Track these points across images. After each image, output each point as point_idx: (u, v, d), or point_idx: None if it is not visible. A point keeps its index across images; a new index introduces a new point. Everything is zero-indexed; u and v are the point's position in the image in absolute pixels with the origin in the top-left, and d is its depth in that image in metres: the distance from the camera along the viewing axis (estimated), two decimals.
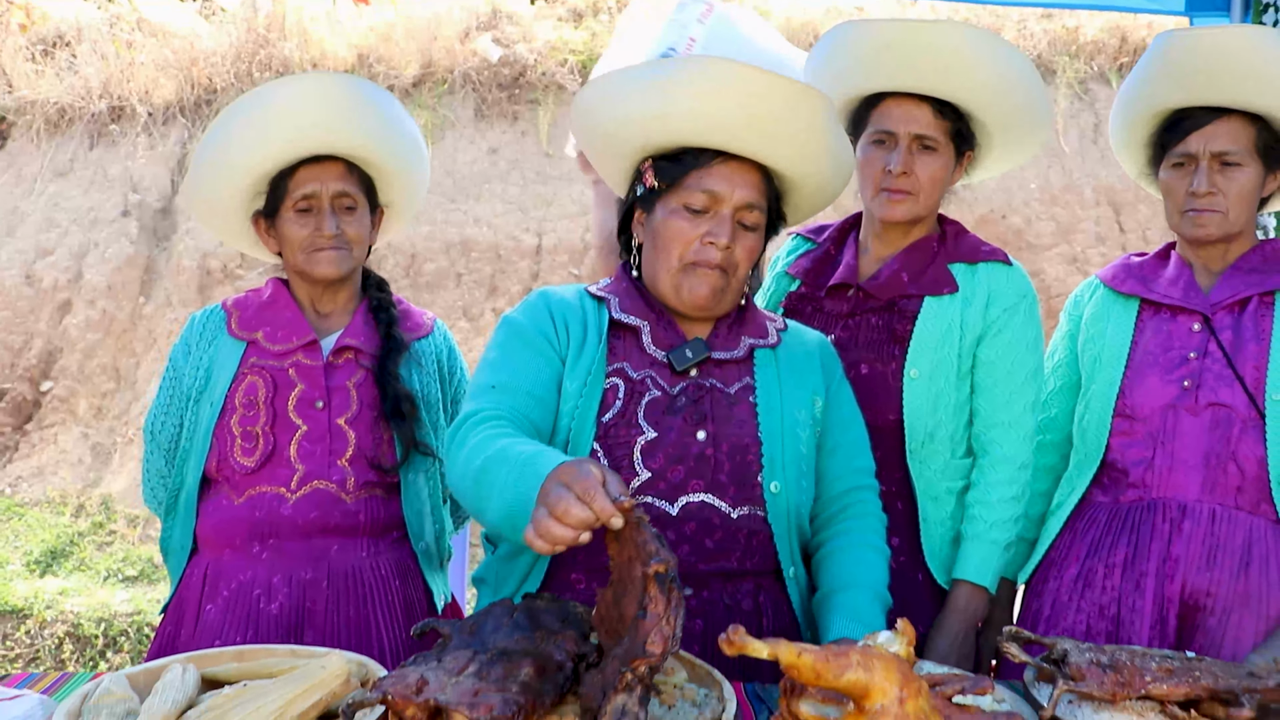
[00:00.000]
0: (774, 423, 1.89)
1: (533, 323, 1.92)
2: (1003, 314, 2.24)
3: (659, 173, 1.89)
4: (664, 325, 1.91)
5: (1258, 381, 2.12)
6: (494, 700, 1.23)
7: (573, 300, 1.96)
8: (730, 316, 1.96)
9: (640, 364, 1.89)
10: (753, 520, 1.86)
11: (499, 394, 1.83)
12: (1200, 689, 1.41)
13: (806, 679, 1.08)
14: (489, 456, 1.62)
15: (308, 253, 2.21)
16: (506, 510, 1.53)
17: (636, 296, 1.94)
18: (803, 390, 1.96)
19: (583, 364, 1.87)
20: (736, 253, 1.85)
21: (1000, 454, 2.22)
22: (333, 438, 2.20)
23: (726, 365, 1.92)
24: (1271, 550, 2.08)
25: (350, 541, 2.21)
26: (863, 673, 1.07)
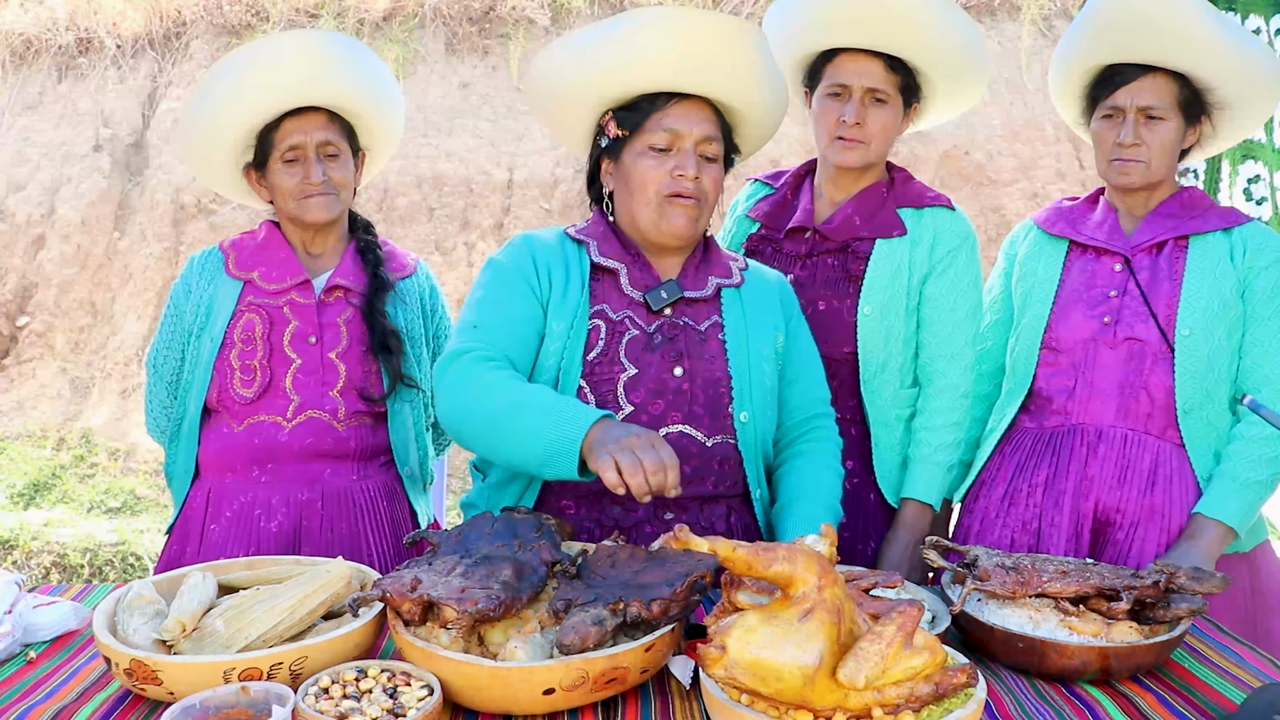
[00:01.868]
0: (742, 357, 2.06)
1: (516, 267, 2.05)
2: (946, 255, 2.43)
3: (621, 122, 2.04)
4: (640, 267, 2.06)
5: (1169, 319, 2.32)
6: (478, 596, 1.44)
7: (554, 244, 2.09)
8: (697, 256, 2.11)
9: (619, 305, 2.03)
10: (725, 448, 2.03)
11: (481, 333, 1.98)
12: (1088, 587, 1.63)
13: (740, 570, 1.27)
14: (512, 402, 1.82)
15: (298, 200, 2.36)
16: (543, 452, 1.74)
17: (613, 239, 2.08)
18: (765, 327, 2.12)
19: (568, 306, 2.01)
20: (704, 182, 2.00)
21: (944, 383, 2.42)
22: (325, 370, 2.38)
23: (697, 304, 2.07)
24: (1175, 471, 2.30)
25: (342, 466, 2.40)
26: (787, 565, 1.27)
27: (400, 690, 1.37)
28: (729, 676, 1.24)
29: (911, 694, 1.27)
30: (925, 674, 1.28)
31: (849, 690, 1.25)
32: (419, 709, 1.32)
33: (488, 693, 1.38)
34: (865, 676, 1.24)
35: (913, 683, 1.27)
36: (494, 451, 1.88)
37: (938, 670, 1.29)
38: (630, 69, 2.01)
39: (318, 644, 1.46)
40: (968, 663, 1.31)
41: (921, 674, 1.28)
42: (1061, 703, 1.51)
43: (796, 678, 1.23)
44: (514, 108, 9.15)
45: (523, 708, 1.40)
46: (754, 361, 2.08)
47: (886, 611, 1.32)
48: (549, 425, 1.74)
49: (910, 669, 1.27)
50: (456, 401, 1.90)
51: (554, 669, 1.36)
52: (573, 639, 1.37)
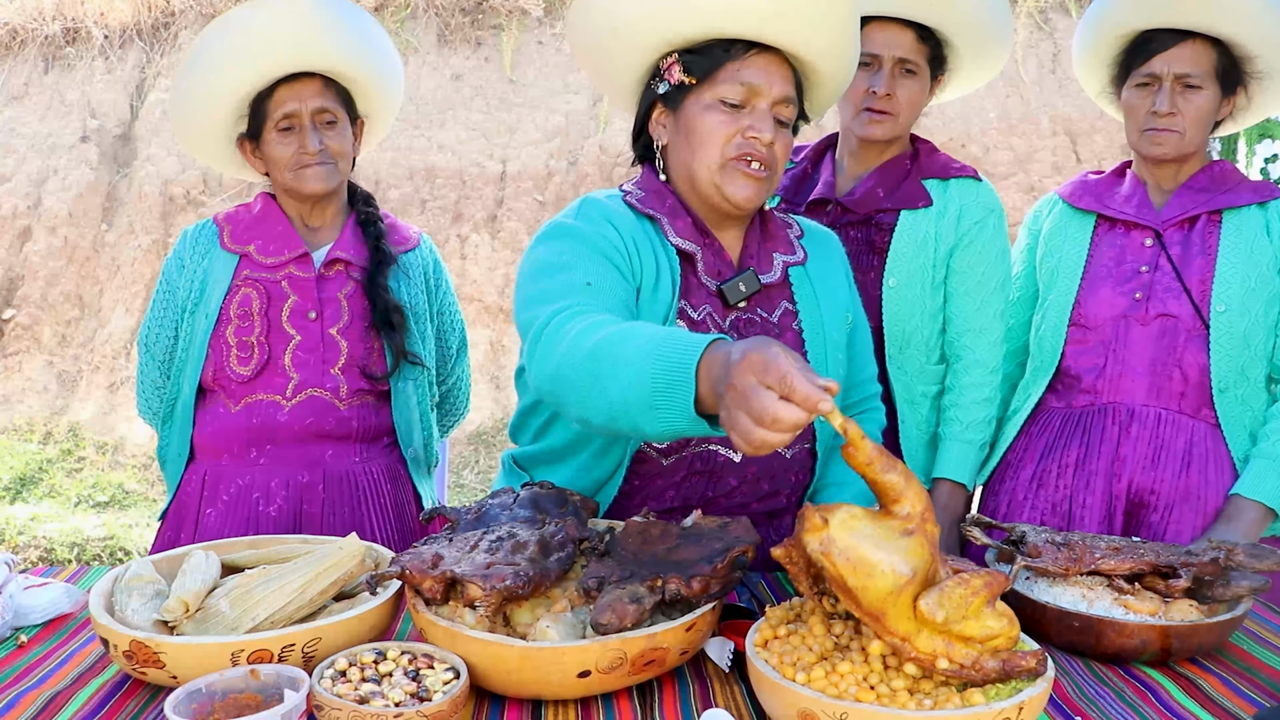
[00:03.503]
0: (819, 349, 1.88)
1: (603, 237, 1.75)
2: (973, 226, 2.35)
3: (688, 67, 1.77)
4: (713, 251, 1.84)
5: (1203, 294, 2.24)
6: (506, 573, 1.35)
7: (628, 217, 1.82)
8: (755, 226, 1.90)
9: (698, 299, 1.80)
10: (802, 455, 1.88)
11: (596, 294, 1.64)
12: (1143, 564, 1.55)
13: (859, 461, 1.18)
14: (618, 333, 1.43)
15: (294, 170, 2.26)
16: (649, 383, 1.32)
17: (683, 212, 1.83)
18: (837, 309, 1.94)
19: (659, 304, 1.76)
20: (777, 148, 1.77)
21: (972, 358, 2.35)
22: (325, 347, 2.29)
23: (767, 290, 1.87)
24: (1210, 452, 2.23)
25: (343, 447, 2.30)
26: (901, 480, 1.18)
27: (424, 673, 1.28)
28: (824, 551, 1.16)
29: (978, 663, 1.18)
30: (996, 646, 1.19)
31: (924, 625, 1.17)
32: (445, 692, 1.23)
33: (517, 676, 1.28)
34: (945, 613, 1.16)
35: (982, 650, 1.19)
36: (584, 403, 1.45)
37: (1008, 647, 1.21)
38: (709, 8, 1.73)
39: (332, 624, 1.37)
40: (1038, 648, 1.23)
41: (995, 641, 1.19)
42: (1121, 685, 1.42)
43: (887, 581, 1.15)
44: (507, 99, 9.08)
45: (554, 692, 1.31)
46: (830, 351, 1.89)
47: (973, 568, 1.25)
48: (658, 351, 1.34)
49: (987, 630, 1.19)
50: (549, 357, 1.53)
51: (590, 650, 1.27)
52: (609, 617, 1.28)
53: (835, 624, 1.29)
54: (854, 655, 1.23)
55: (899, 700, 1.15)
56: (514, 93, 9.19)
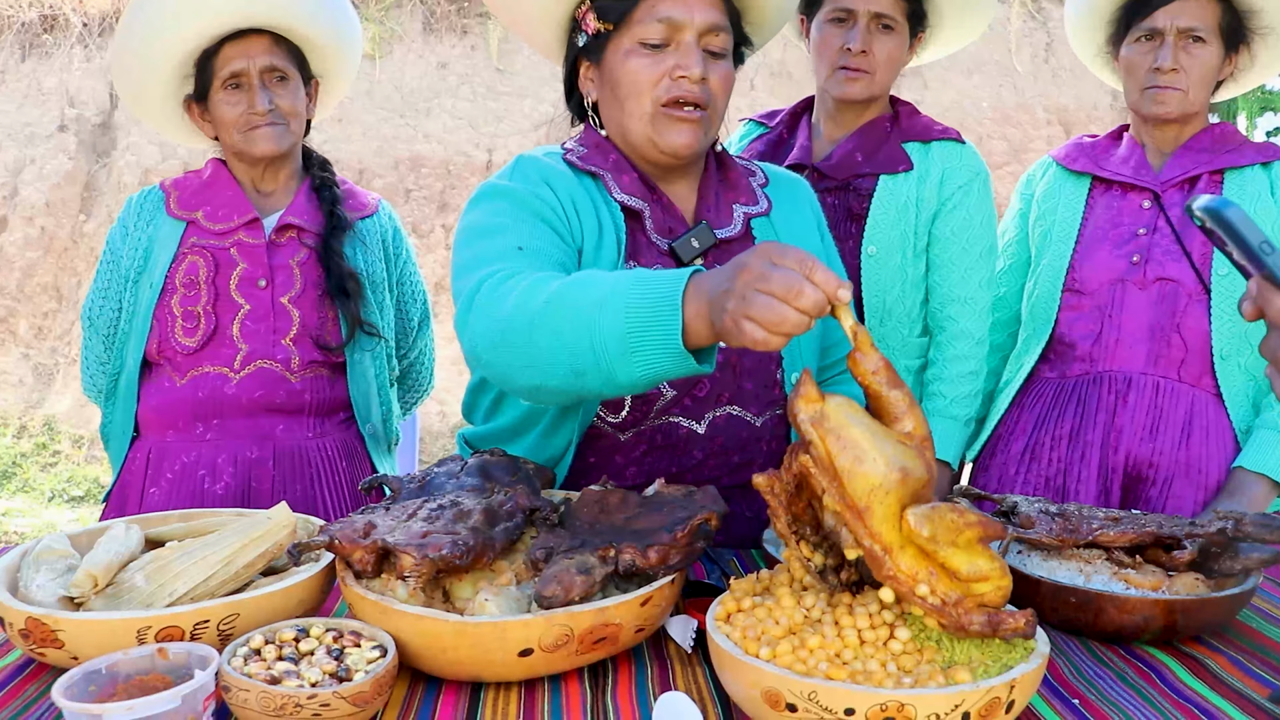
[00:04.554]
0: None
1: (538, 198, 1.61)
2: (957, 191, 2.23)
3: (601, 13, 1.63)
4: (662, 206, 1.69)
5: (1204, 257, 2.12)
6: (443, 542, 1.22)
7: (567, 175, 1.67)
8: (711, 175, 1.75)
9: (648, 260, 1.64)
10: (774, 422, 1.75)
11: (530, 257, 1.50)
12: (1145, 535, 1.42)
13: (864, 371, 1.10)
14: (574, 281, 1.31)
15: (243, 131, 2.15)
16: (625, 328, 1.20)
17: (628, 167, 1.68)
18: None
19: (603, 268, 1.59)
20: (712, 83, 1.60)
21: (957, 329, 2.23)
22: (276, 316, 2.16)
23: (728, 244, 1.70)
24: (1212, 422, 2.11)
25: (296, 421, 2.18)
26: (906, 400, 1.10)
27: (349, 652, 1.15)
28: (814, 422, 1.06)
29: (962, 604, 1.06)
30: (984, 595, 1.06)
31: (909, 538, 1.06)
32: (369, 672, 1.10)
33: (453, 655, 1.15)
34: (932, 530, 1.04)
35: (969, 590, 1.06)
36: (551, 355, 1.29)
37: (996, 602, 1.08)
38: None
39: (251, 599, 1.24)
40: (1030, 611, 1.10)
41: (983, 585, 1.06)
42: (1122, 665, 1.29)
43: (878, 470, 1.04)
44: (494, 88, 8.97)
45: (495, 672, 1.17)
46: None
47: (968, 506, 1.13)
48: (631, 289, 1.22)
49: (976, 568, 1.06)
50: (491, 319, 1.38)
51: (532, 625, 1.14)
52: (554, 590, 1.15)
53: (806, 596, 1.16)
54: (825, 629, 1.09)
55: (875, 678, 1.02)
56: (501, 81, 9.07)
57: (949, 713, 0.99)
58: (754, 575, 1.23)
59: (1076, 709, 1.17)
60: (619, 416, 1.66)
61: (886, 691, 0.99)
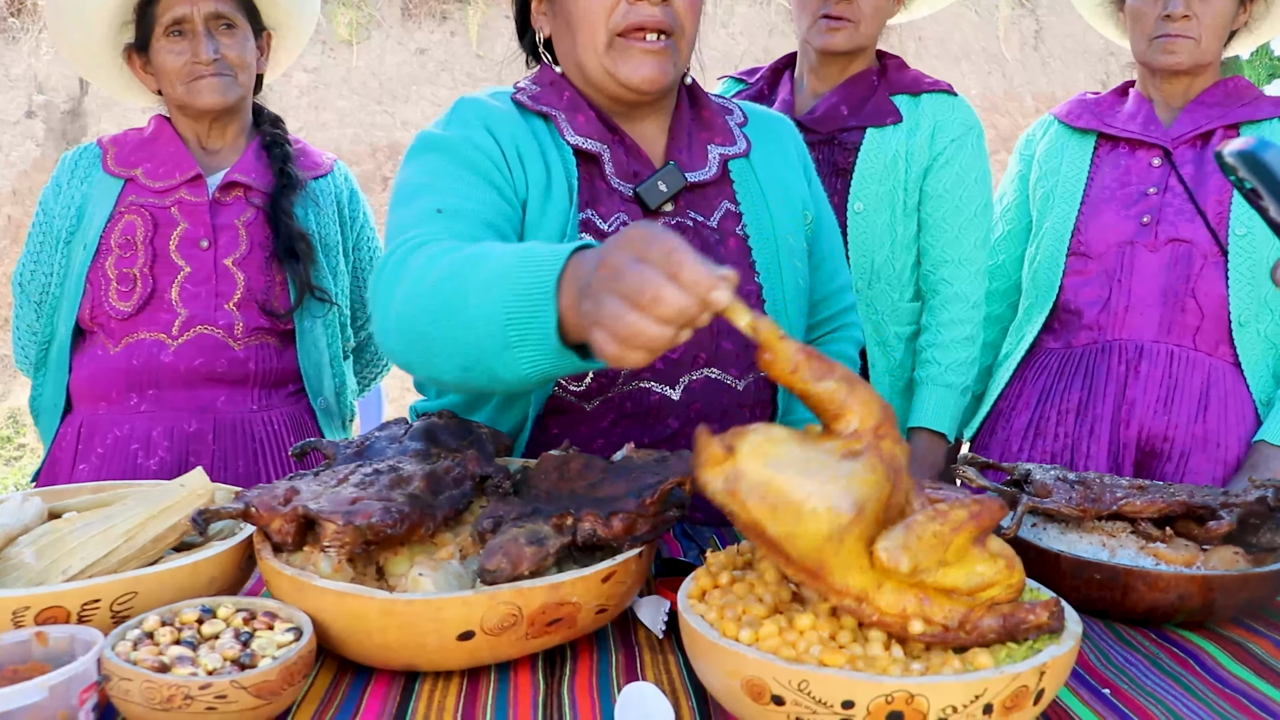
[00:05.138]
0: (770, 256, 1.54)
1: (471, 145, 1.43)
2: (950, 145, 2.09)
3: None
4: (625, 148, 1.51)
5: (1220, 217, 1.97)
6: (373, 509, 1.05)
7: (512, 117, 1.49)
8: (683, 113, 1.56)
9: (608, 208, 1.47)
10: (758, 386, 1.56)
11: (448, 220, 1.33)
12: (1175, 504, 1.26)
13: (780, 372, 0.86)
14: (464, 259, 1.13)
15: (186, 82, 1.99)
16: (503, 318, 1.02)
17: (584, 106, 1.51)
18: (792, 207, 1.59)
19: (552, 218, 1.44)
20: (677, 6, 1.42)
21: (951, 292, 2.07)
22: (219, 279, 1.99)
23: (703, 189, 1.54)
24: (1230, 392, 1.95)
25: (239, 392, 2.00)
26: (844, 389, 0.86)
27: (260, 635, 0.98)
28: (729, 490, 0.83)
29: (968, 621, 0.88)
30: (993, 596, 0.90)
31: (884, 575, 0.86)
32: (277, 658, 0.93)
33: (381, 638, 0.98)
34: (913, 560, 0.85)
35: (973, 601, 0.89)
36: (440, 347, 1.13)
37: (1010, 598, 0.91)
38: None
39: (151, 575, 1.06)
40: (1052, 596, 0.93)
41: (990, 591, 0.89)
42: (1155, 650, 1.14)
43: (820, 523, 0.83)
44: (474, 74, 8.82)
45: (431, 659, 1.00)
46: (784, 258, 1.55)
47: (955, 497, 0.93)
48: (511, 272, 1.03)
49: (976, 577, 0.88)
50: (391, 299, 1.22)
51: (472, 603, 0.97)
52: (499, 562, 0.98)
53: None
54: (818, 607, 0.93)
55: (878, 664, 0.86)
56: (481, 68, 8.92)
57: (968, 704, 0.82)
58: (734, 547, 1.07)
59: (1109, 700, 1.01)
60: (582, 385, 1.49)
61: (892, 680, 0.82)
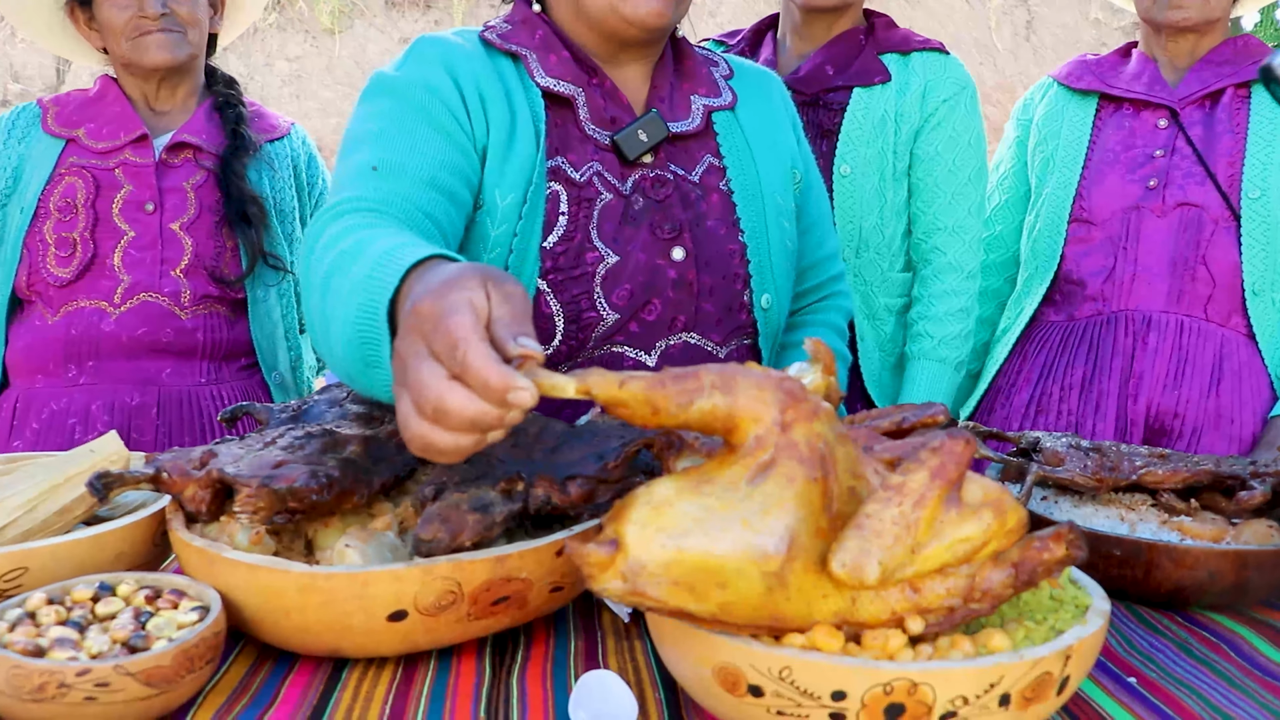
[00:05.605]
0: (756, 216, 1.43)
1: (426, 88, 1.30)
2: (941, 105, 1.96)
3: None
4: (603, 92, 1.39)
5: (1231, 179, 1.86)
6: (298, 473, 0.92)
7: (478, 57, 1.36)
8: (666, 63, 1.45)
9: (581, 156, 1.36)
10: (740, 353, 1.45)
11: (383, 179, 1.23)
12: (1201, 473, 1.14)
13: (641, 418, 0.70)
14: (344, 253, 1.02)
15: (132, 38, 1.87)
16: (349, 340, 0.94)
17: (557, 44, 1.38)
18: (780, 163, 1.49)
19: (517, 166, 1.32)
20: None
21: (944, 262, 1.95)
22: (165, 245, 1.87)
23: (685, 141, 1.42)
24: (1243, 366, 1.84)
25: (186, 364, 1.87)
26: (721, 397, 0.71)
27: (162, 614, 0.85)
28: (634, 591, 0.69)
29: (973, 588, 0.75)
30: (991, 548, 0.76)
31: (854, 590, 0.73)
32: (173, 640, 0.80)
33: (299, 618, 0.85)
34: (880, 562, 0.71)
35: (971, 568, 0.75)
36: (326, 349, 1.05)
37: (1013, 541, 0.77)
38: None
39: (45, 548, 0.93)
40: (1064, 523, 0.79)
41: (986, 549, 0.75)
42: (1183, 634, 1.01)
43: (753, 583, 0.70)
44: None
45: (358, 643, 0.87)
46: (771, 219, 1.44)
47: (910, 453, 0.78)
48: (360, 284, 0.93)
49: (964, 545, 0.74)
50: (303, 278, 1.15)
51: (404, 577, 0.84)
52: (436, 531, 0.85)
53: None
54: None
55: (884, 644, 0.73)
56: None
57: (981, 695, 0.70)
58: None
59: (1135, 690, 0.88)
60: (549, 347, 1.37)
61: (891, 667, 0.69)
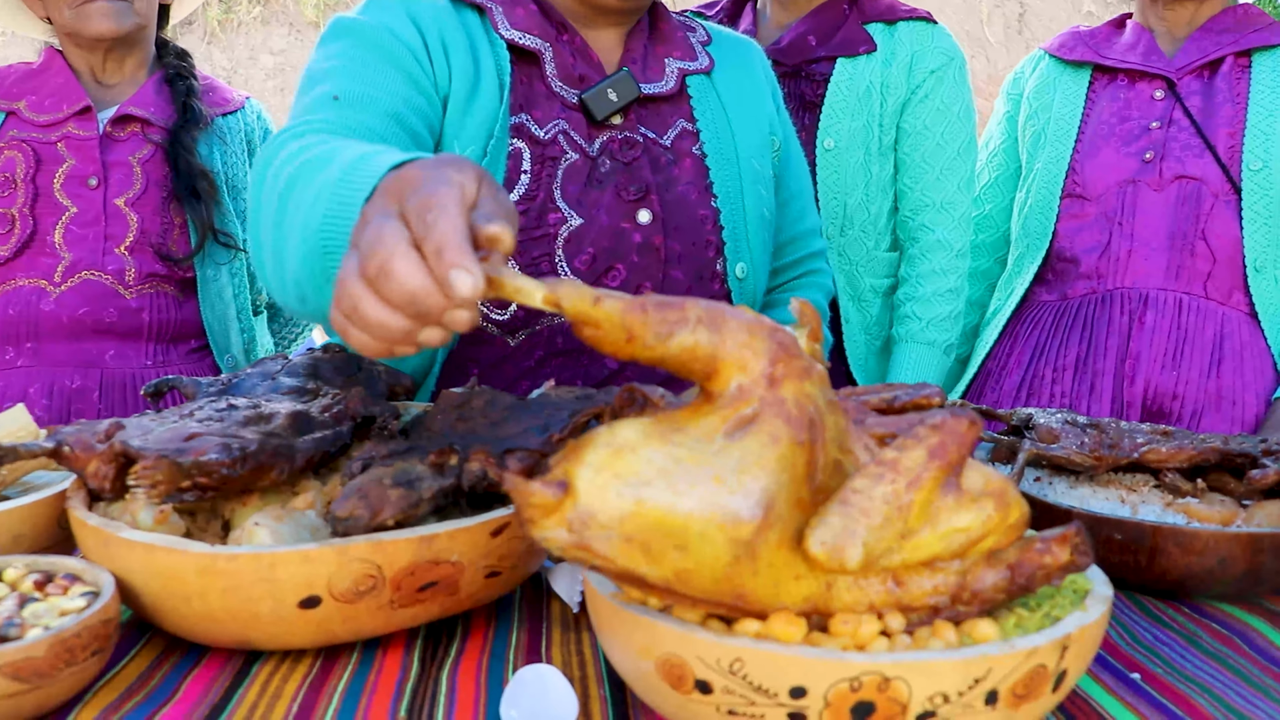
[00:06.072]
0: (731, 180, 1.37)
1: (389, 31, 1.25)
2: (929, 77, 1.88)
3: None
4: (573, 49, 1.33)
5: (1232, 150, 1.77)
6: (209, 444, 0.83)
7: (442, 7, 1.31)
8: (643, 27, 1.40)
9: (546, 113, 1.30)
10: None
11: (346, 108, 1.17)
12: (1207, 452, 1.05)
13: (614, 344, 0.58)
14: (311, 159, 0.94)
15: (75, 6, 1.78)
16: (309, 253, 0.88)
17: (528, 1, 1.33)
18: (758, 129, 1.44)
19: (478, 119, 1.26)
20: None
21: (932, 240, 1.86)
22: (109, 221, 1.78)
23: (657, 104, 1.37)
24: (1245, 345, 1.75)
25: (131, 346, 1.78)
26: (706, 334, 0.60)
27: (49, 600, 0.75)
28: (580, 544, 0.57)
29: (963, 588, 0.66)
30: (987, 544, 0.67)
31: (830, 575, 0.63)
32: (49, 630, 0.70)
33: (201, 604, 0.76)
34: (865, 544, 0.61)
35: (963, 564, 0.66)
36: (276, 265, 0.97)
37: (1012, 539, 0.68)
38: None
39: None
40: (1071, 525, 0.71)
41: (982, 544, 0.66)
42: (1192, 627, 0.92)
43: (719, 549, 0.59)
44: None
45: (269, 633, 0.77)
46: (747, 184, 1.39)
47: (907, 429, 0.68)
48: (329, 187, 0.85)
49: (959, 536, 0.65)
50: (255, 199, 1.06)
51: (315, 558, 0.74)
52: (354, 507, 0.76)
53: None
54: None
55: (854, 633, 0.64)
56: None
57: (964, 692, 0.60)
58: None
59: (1139, 687, 0.79)
60: (505, 313, 1.28)
61: (860, 658, 0.59)
